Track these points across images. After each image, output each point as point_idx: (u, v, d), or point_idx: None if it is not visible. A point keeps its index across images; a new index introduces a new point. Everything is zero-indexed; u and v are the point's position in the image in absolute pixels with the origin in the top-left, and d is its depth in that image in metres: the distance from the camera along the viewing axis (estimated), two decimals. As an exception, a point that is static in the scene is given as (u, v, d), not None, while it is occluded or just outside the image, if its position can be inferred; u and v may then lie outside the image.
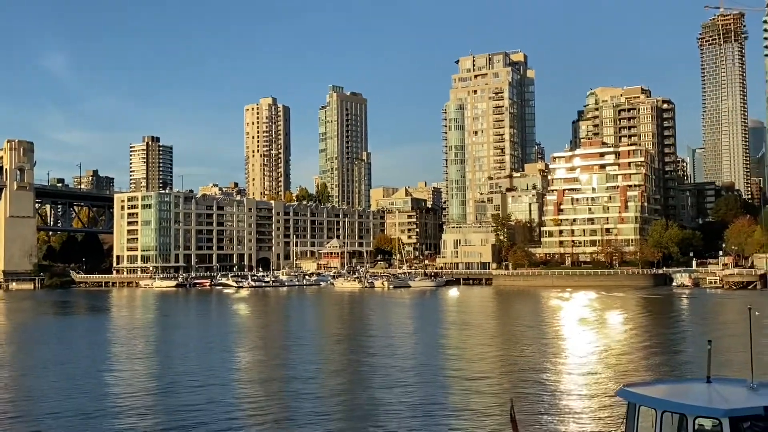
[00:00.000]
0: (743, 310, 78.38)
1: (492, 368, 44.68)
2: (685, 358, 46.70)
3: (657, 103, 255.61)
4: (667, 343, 57.55)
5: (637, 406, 13.58)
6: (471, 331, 72.48)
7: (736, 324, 58.38)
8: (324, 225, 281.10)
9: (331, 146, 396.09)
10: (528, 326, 75.35)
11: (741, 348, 21.30)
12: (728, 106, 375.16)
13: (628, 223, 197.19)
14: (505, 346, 58.05)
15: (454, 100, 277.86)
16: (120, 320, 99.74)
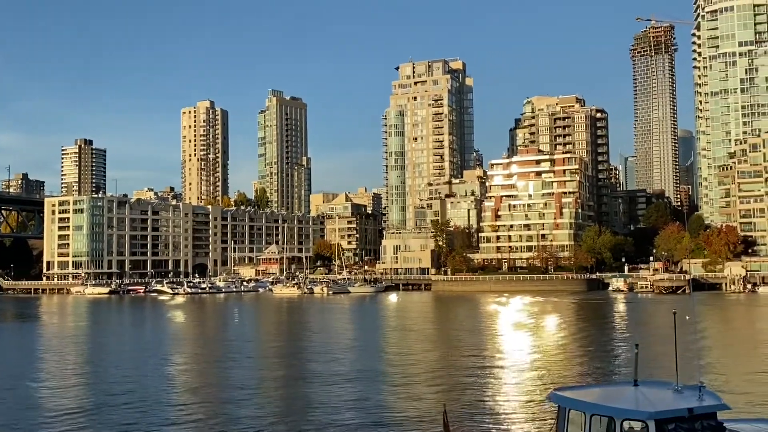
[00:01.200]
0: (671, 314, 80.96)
1: (429, 373, 44.40)
2: (616, 362, 47.48)
3: (591, 112, 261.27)
4: (599, 347, 58.31)
5: (567, 409, 13.65)
6: (410, 336, 72.39)
7: (663, 328, 59.77)
8: (263, 230, 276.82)
9: (271, 151, 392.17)
10: (465, 331, 75.74)
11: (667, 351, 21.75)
12: (659, 116, 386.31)
13: (562, 229, 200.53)
14: (442, 351, 57.99)
15: (394, 106, 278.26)
16: (50, 328, 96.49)
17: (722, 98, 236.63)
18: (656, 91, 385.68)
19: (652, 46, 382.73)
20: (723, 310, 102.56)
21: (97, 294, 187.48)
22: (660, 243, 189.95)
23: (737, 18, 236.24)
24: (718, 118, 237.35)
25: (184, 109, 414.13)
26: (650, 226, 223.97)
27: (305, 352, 60.29)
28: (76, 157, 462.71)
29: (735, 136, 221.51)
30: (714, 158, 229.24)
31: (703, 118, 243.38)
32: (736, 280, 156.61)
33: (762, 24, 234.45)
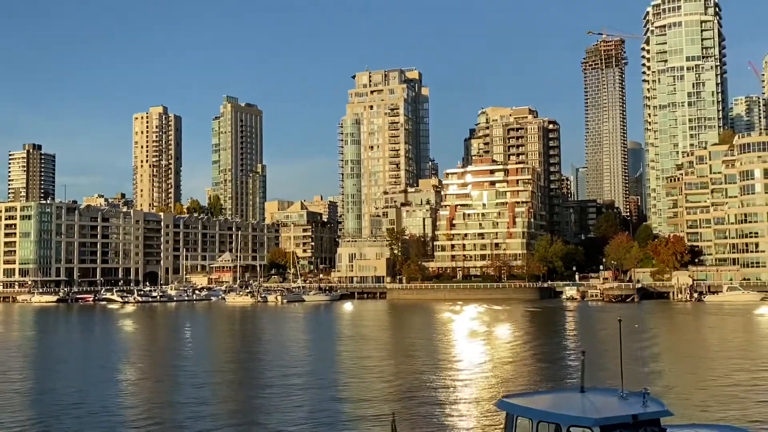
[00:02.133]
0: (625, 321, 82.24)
1: (381, 380, 44.28)
2: (564, 369, 47.96)
3: (543, 124, 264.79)
4: (549, 354, 58.76)
5: (514, 416, 13.68)
6: (364, 345, 72.07)
7: (611, 336, 60.52)
8: (216, 238, 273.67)
9: (225, 158, 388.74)
10: (419, 339, 75.76)
11: (614, 358, 22.09)
12: (609, 128, 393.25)
13: (515, 238, 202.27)
14: (395, 359, 57.90)
15: (350, 114, 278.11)
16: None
17: (670, 111, 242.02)
18: (607, 104, 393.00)
19: (603, 60, 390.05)
20: (670, 319, 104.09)
21: (45, 302, 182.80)
22: (610, 252, 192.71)
23: (685, 33, 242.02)
24: (666, 130, 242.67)
25: (137, 114, 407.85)
26: (600, 236, 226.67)
27: (257, 361, 59.54)
28: (24, 163, 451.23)
29: (682, 148, 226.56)
30: (662, 170, 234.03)
31: (652, 131, 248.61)
32: (683, 289, 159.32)
33: (708, 39, 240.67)
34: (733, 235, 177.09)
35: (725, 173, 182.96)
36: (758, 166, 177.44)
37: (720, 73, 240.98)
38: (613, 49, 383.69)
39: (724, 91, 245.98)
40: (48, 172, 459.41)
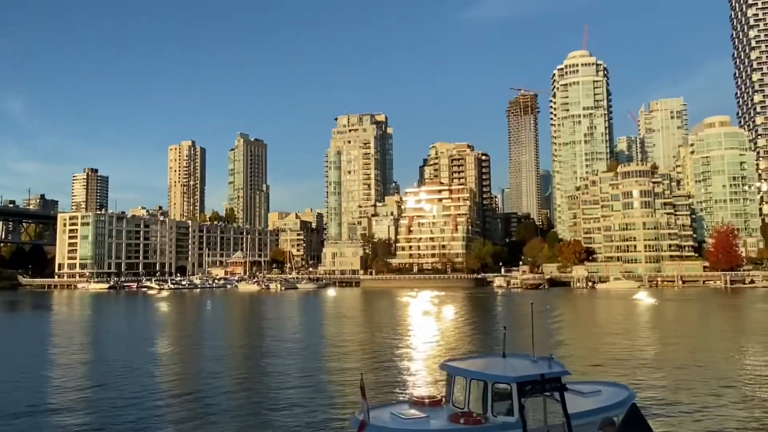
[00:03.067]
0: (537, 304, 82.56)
1: (354, 348, 43.97)
2: (492, 340, 47.82)
3: (478, 155, 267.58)
4: (481, 328, 58.94)
5: (453, 376, 13.62)
6: (342, 320, 71.84)
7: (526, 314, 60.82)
8: (231, 240, 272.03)
9: (238, 180, 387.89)
10: (384, 316, 75.58)
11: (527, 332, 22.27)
12: (526, 159, 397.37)
13: (457, 240, 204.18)
14: (366, 331, 57.68)
15: (333, 147, 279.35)
16: (60, 315, 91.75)
17: (571, 147, 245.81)
18: (524, 141, 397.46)
19: (521, 108, 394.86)
20: (571, 301, 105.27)
21: (99, 289, 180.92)
22: (527, 252, 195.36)
23: (582, 90, 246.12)
24: (568, 161, 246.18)
25: (171, 146, 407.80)
26: (520, 240, 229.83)
27: (261, 333, 58.99)
28: (84, 182, 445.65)
29: (580, 175, 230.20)
30: (565, 190, 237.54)
31: (558, 161, 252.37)
32: (581, 279, 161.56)
33: (599, 95, 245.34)
34: (617, 239, 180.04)
35: (611, 193, 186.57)
36: (635, 188, 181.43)
37: (607, 119, 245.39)
38: (529, 101, 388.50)
39: (610, 133, 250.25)
40: (102, 189, 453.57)
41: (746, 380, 28.99)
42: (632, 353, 39.54)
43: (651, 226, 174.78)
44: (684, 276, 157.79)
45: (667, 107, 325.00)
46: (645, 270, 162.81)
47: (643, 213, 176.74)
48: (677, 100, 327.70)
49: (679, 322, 65.75)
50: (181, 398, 26.79)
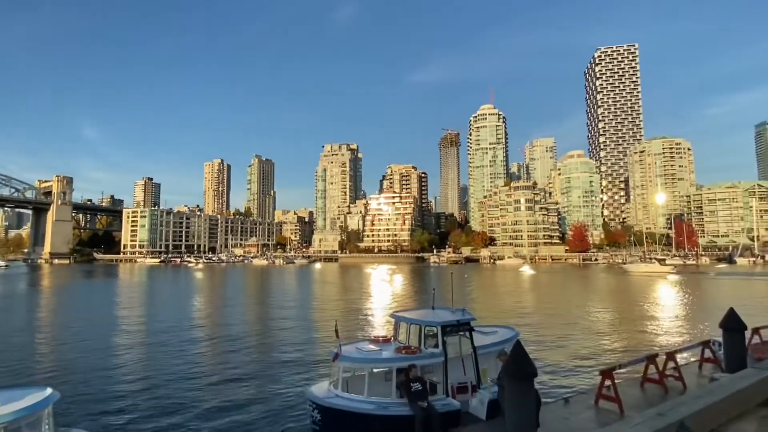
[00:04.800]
0: (455, 274, 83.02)
1: (333, 303, 43.23)
2: (428, 297, 48.26)
3: (419, 174, 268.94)
4: (419, 290, 58.90)
5: (398, 322, 13.58)
6: (325, 285, 70.76)
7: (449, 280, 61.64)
8: (248, 229, 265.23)
9: (253, 188, 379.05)
10: (354, 282, 74.79)
11: (449, 291, 22.37)
12: (452, 177, 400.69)
13: (405, 231, 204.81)
14: (342, 292, 56.44)
15: (321, 165, 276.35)
16: (125, 280, 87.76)
17: (481, 169, 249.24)
18: (450, 164, 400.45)
19: (449, 142, 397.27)
20: (480, 272, 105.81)
21: (152, 263, 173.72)
22: (451, 239, 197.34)
23: (488, 131, 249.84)
24: (478, 179, 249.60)
25: (206, 162, 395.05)
26: (447, 231, 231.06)
27: (269, 292, 57.60)
28: (143, 187, 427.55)
29: (486, 188, 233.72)
30: (477, 198, 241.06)
31: (472, 179, 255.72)
32: (486, 257, 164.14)
33: (500, 134, 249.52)
34: (510, 231, 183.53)
35: (506, 201, 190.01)
36: (522, 197, 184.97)
37: (505, 151, 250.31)
38: (454, 137, 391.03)
39: (506, 160, 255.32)
40: (156, 192, 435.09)
41: (590, 321, 29.94)
42: (518, 306, 39.93)
43: (532, 222, 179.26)
44: (553, 256, 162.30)
45: (543, 144, 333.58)
46: (528, 251, 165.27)
47: (527, 214, 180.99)
48: (550, 139, 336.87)
49: (548, 285, 67.02)
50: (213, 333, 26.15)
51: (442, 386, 11.64)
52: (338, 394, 11.72)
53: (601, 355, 20.72)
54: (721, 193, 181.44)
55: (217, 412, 14.18)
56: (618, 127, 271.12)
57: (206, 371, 18.85)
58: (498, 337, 13.77)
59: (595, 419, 9.42)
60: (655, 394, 10.82)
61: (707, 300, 42.98)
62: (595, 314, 34.35)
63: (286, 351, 22.29)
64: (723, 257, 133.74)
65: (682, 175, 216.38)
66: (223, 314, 36.70)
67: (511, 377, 5.40)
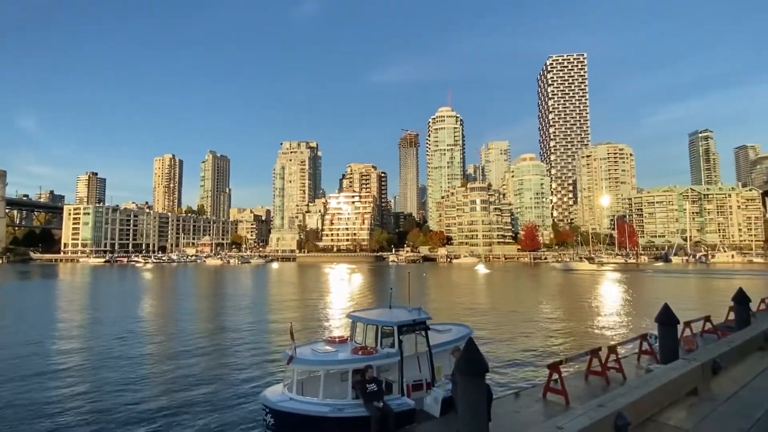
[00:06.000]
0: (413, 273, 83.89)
1: (290, 304, 42.39)
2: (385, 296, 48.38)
3: (379, 173, 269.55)
4: (378, 288, 58.77)
5: (355, 322, 13.47)
6: (282, 285, 69.04)
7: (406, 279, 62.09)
8: (201, 228, 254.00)
9: (207, 184, 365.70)
10: (312, 281, 73.81)
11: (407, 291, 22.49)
12: (411, 177, 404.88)
13: (364, 230, 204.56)
14: (297, 292, 55.48)
15: (279, 163, 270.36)
16: (65, 282, 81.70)
17: (439, 170, 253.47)
18: (409, 165, 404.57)
19: (408, 143, 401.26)
20: (437, 271, 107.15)
21: (96, 263, 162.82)
22: (409, 238, 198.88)
23: (446, 132, 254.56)
24: (436, 180, 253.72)
25: (156, 158, 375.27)
26: (405, 230, 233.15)
27: (222, 293, 55.61)
28: (87, 182, 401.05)
29: (444, 188, 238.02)
30: (435, 198, 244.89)
31: (430, 179, 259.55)
32: (443, 256, 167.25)
33: (457, 136, 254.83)
34: (465, 230, 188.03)
35: (463, 201, 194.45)
36: (478, 198, 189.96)
37: (462, 153, 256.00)
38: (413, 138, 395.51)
39: (463, 162, 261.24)
40: (101, 188, 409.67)
41: (539, 317, 31.06)
42: (472, 304, 40.72)
43: (487, 222, 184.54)
44: (506, 255, 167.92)
45: (498, 147, 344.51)
46: (482, 251, 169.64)
47: (482, 214, 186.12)
48: (505, 142, 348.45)
49: (501, 283, 68.88)
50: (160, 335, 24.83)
51: (398, 385, 11.68)
52: (292, 397, 11.47)
53: (550, 350, 21.62)
54: (658, 197, 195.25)
55: (166, 419, 13.48)
56: (567, 132, 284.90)
57: (154, 377, 17.89)
58: (452, 334, 13.94)
59: (543, 412, 9.81)
60: (597, 386, 11.43)
61: (645, 296, 46.02)
62: (544, 311, 35.76)
63: (239, 354, 21.58)
64: (659, 256, 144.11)
65: (624, 179, 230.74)
66: (173, 317, 34.94)
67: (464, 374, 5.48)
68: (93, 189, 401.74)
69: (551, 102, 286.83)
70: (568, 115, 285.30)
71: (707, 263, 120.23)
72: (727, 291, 36.49)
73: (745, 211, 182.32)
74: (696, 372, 4.37)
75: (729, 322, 17.29)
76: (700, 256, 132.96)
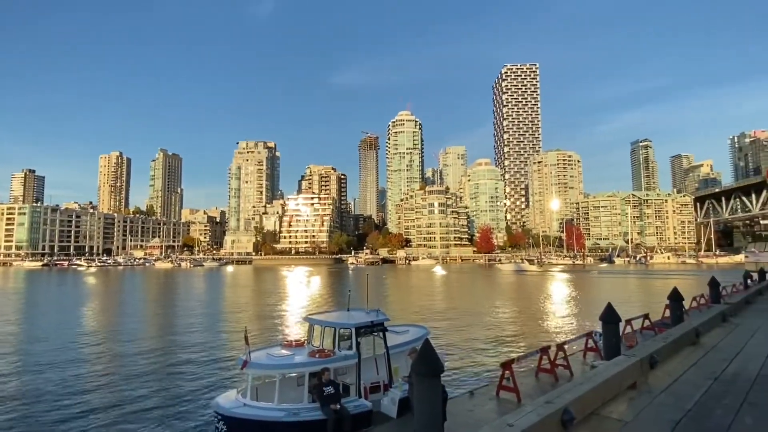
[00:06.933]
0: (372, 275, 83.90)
1: (244, 308, 41.17)
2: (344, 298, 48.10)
3: (339, 175, 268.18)
4: (337, 291, 58.19)
5: (312, 325, 13.33)
6: (237, 288, 67.01)
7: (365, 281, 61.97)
8: (150, 229, 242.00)
9: (158, 183, 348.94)
10: (268, 285, 72.08)
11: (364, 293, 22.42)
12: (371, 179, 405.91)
13: (323, 232, 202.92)
14: (253, 296, 53.94)
15: (235, 163, 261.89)
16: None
17: (398, 173, 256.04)
18: (369, 167, 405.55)
19: (368, 145, 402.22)
20: (395, 273, 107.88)
21: (33, 267, 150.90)
22: (369, 240, 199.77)
23: (406, 136, 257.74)
24: (396, 183, 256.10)
25: (102, 155, 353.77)
26: (365, 233, 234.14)
27: (173, 298, 52.98)
28: (23, 180, 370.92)
29: (403, 191, 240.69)
30: (394, 201, 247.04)
31: (390, 182, 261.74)
32: (402, 258, 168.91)
33: (416, 140, 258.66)
34: (424, 233, 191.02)
35: (421, 204, 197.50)
36: (436, 201, 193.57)
37: (421, 156, 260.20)
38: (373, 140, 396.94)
39: (422, 165, 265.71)
40: (39, 186, 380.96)
41: (493, 317, 31.95)
42: (429, 305, 41.27)
43: (444, 225, 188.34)
44: (462, 256, 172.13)
45: (456, 152, 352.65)
46: (440, 252, 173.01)
47: (440, 217, 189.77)
48: (462, 147, 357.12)
49: (457, 285, 70.14)
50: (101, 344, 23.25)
51: (355, 387, 11.62)
52: (246, 403, 11.13)
53: (503, 349, 22.30)
54: (603, 201, 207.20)
55: (113, 430, 12.65)
56: (520, 139, 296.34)
57: (99, 388, 16.72)
58: (410, 336, 14.05)
59: (496, 409, 10.07)
60: (547, 383, 11.90)
61: (590, 296, 48.58)
62: (498, 311, 36.84)
63: (191, 361, 20.65)
64: (604, 257, 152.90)
65: (572, 185, 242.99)
66: (119, 323, 32.86)
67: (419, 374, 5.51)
68: (30, 187, 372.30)
69: (505, 109, 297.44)
70: (521, 122, 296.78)
71: (646, 264, 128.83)
72: (663, 290, 39.21)
73: (679, 216, 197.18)
74: (635, 367, 4.63)
75: (665, 319, 18.53)
76: (640, 258, 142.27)
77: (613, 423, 3.63)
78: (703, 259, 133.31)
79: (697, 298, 22.02)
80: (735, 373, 5.08)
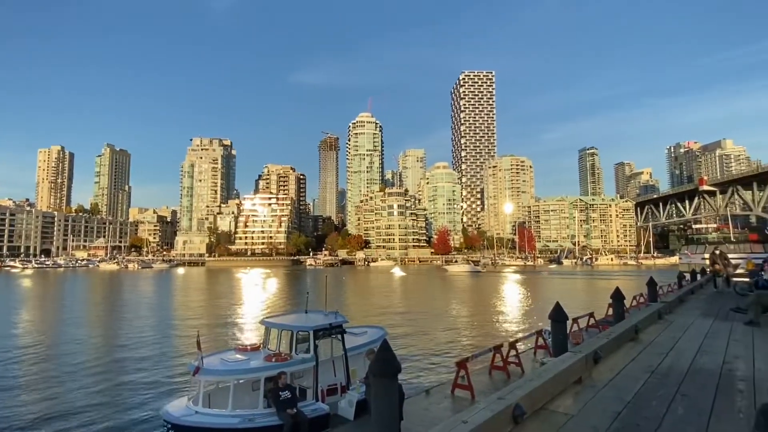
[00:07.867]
0: (331, 277, 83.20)
1: (199, 314, 39.41)
2: (302, 300, 47.34)
3: (298, 175, 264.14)
4: (294, 293, 57.23)
5: (269, 329, 13.04)
6: (188, 291, 64.19)
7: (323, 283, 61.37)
8: (95, 229, 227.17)
9: (104, 181, 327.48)
10: (222, 287, 69.57)
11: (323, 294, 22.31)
12: (330, 180, 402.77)
13: (281, 233, 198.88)
14: (206, 299, 52.08)
15: (188, 160, 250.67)
16: None
17: (358, 175, 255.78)
18: (329, 168, 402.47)
19: (328, 146, 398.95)
20: (355, 274, 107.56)
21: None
22: (328, 242, 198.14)
23: (366, 138, 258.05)
24: (356, 184, 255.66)
25: (41, 149, 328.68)
26: (324, 234, 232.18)
27: (118, 302, 49.85)
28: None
29: (363, 192, 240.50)
30: (354, 202, 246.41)
31: (350, 183, 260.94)
32: (361, 259, 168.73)
33: (377, 142, 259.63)
34: (383, 234, 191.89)
35: (381, 206, 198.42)
36: (395, 203, 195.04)
37: (381, 158, 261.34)
38: (333, 141, 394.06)
39: (382, 167, 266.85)
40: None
41: (449, 317, 32.52)
42: (387, 306, 41.50)
43: (403, 227, 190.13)
44: (420, 258, 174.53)
45: (415, 155, 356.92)
46: (399, 254, 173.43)
47: (398, 219, 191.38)
48: (421, 150, 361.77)
49: (415, 285, 70.91)
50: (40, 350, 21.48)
51: (313, 390, 11.47)
52: (198, 411, 10.69)
53: (458, 348, 22.80)
54: (553, 205, 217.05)
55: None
56: (476, 144, 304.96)
57: (39, 401, 15.43)
58: (367, 337, 14.06)
59: (451, 407, 10.27)
60: (500, 380, 12.28)
61: (541, 295, 50.75)
62: (454, 311, 37.71)
63: (139, 369, 19.54)
64: (553, 259, 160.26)
65: (525, 189, 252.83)
66: (58, 330, 30.54)
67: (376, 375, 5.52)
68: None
69: (463, 114, 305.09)
70: (477, 128, 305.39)
71: (592, 265, 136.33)
72: (607, 290, 41.53)
73: (622, 220, 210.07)
74: (581, 363, 4.87)
75: (608, 317, 19.68)
76: (586, 259, 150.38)
77: (561, 417, 3.80)
78: (643, 261, 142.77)
79: (636, 297, 23.51)
80: (669, 367, 5.47)
